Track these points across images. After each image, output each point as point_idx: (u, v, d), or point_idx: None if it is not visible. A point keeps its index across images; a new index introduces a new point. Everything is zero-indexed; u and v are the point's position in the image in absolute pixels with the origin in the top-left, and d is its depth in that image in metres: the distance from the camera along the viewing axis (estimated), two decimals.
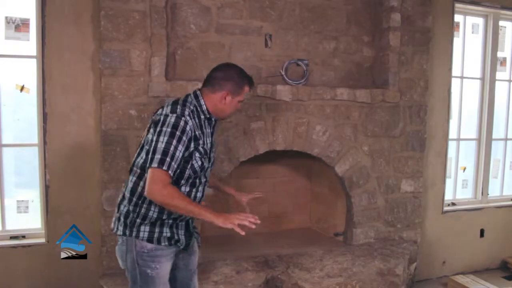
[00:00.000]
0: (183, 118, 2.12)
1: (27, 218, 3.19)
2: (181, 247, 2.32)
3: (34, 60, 3.05)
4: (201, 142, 2.19)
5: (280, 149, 3.44)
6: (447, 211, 4.39)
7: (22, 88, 3.10)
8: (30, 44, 3.07)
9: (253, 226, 2.07)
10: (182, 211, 2.11)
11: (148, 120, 2.39)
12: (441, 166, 4.30)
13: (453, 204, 4.51)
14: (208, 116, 2.28)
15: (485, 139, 4.61)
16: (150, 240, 2.21)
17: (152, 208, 2.19)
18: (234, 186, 2.79)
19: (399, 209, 3.92)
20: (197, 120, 2.20)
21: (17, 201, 3.18)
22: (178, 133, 2.08)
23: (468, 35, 4.49)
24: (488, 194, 4.69)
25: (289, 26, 3.54)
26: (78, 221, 3.07)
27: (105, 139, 2.98)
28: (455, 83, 4.37)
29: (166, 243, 2.24)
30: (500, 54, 4.61)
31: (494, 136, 4.66)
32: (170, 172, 2.05)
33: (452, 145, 4.47)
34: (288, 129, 3.44)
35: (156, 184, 2.03)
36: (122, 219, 2.24)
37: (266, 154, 3.44)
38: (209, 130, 2.30)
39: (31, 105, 3.09)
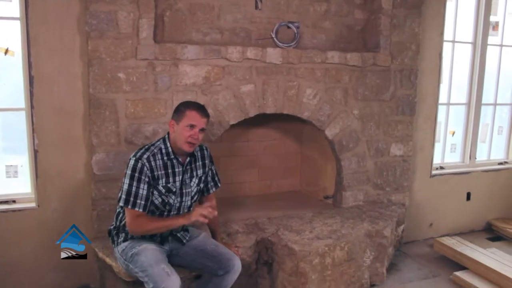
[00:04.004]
0: (140, 161, 2.45)
1: (17, 182, 3.17)
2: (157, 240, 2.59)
3: (18, 22, 2.96)
4: (160, 182, 2.51)
5: (270, 112, 3.43)
6: (435, 175, 4.45)
7: (6, 51, 3.03)
8: (12, 5, 2.96)
9: (211, 216, 2.44)
10: (161, 230, 2.52)
11: None
12: (431, 130, 4.33)
13: (441, 168, 4.56)
14: (172, 156, 2.54)
15: (474, 104, 4.62)
16: (125, 240, 2.55)
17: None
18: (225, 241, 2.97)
19: (388, 173, 3.97)
20: (159, 162, 2.51)
21: (6, 166, 3.15)
22: (136, 174, 2.43)
23: None
24: (476, 158, 4.75)
25: None
26: (68, 185, 3.09)
27: (94, 103, 2.95)
28: (446, 47, 4.34)
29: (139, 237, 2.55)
30: (492, 18, 4.57)
31: (483, 101, 4.68)
32: (136, 209, 2.41)
33: (442, 110, 4.48)
34: (279, 92, 3.42)
35: (128, 220, 2.43)
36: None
37: (257, 117, 3.43)
38: (180, 169, 2.58)
39: (17, 68, 3.02)
